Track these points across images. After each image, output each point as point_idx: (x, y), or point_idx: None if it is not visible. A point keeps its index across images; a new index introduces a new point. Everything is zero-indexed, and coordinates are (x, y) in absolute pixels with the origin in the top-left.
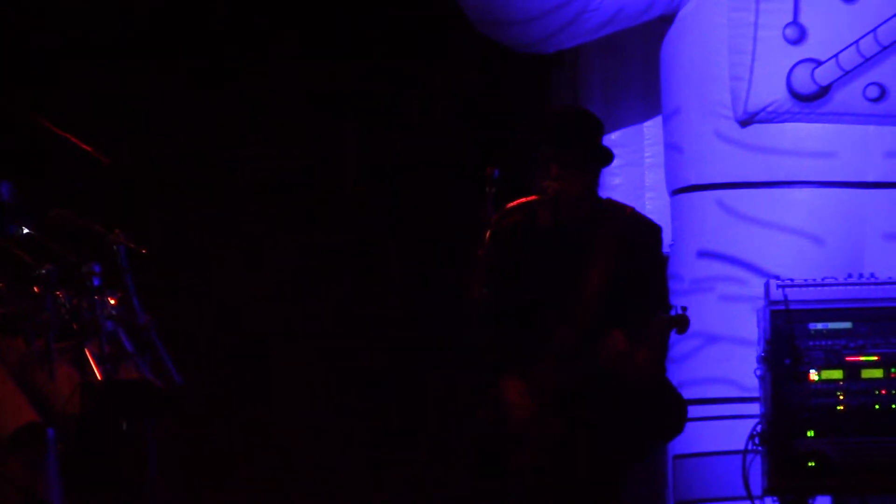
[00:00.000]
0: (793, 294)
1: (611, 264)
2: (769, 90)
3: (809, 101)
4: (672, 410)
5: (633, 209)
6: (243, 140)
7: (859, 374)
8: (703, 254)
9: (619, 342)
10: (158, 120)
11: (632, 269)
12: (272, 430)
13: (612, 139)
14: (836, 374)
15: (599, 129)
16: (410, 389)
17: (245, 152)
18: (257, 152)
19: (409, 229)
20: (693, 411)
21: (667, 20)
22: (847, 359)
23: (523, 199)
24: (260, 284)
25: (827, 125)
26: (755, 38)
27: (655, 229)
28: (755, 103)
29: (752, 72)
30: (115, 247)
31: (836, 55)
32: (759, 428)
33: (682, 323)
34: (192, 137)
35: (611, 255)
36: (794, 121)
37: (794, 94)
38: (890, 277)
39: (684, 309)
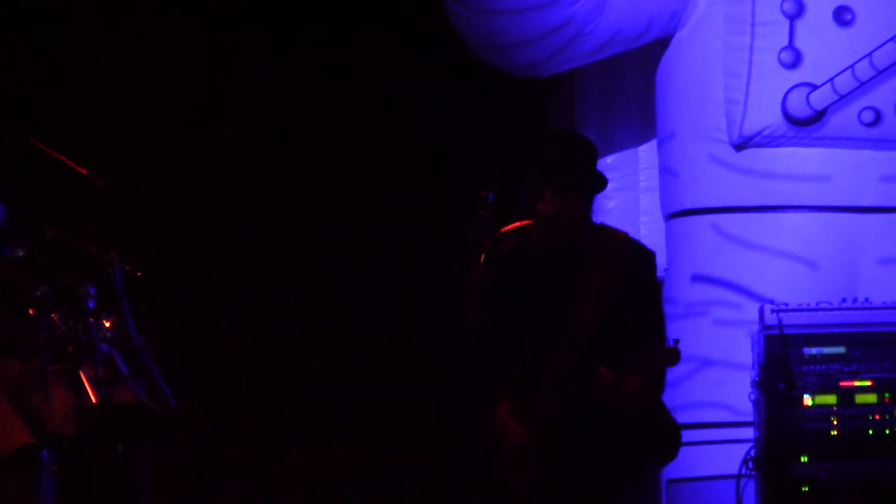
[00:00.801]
0: (787, 319)
1: (604, 290)
2: (764, 114)
3: (805, 125)
4: (666, 436)
5: (626, 234)
6: (235, 163)
7: (853, 398)
8: (698, 278)
9: (608, 375)
10: (152, 141)
11: (625, 295)
12: (267, 452)
13: (607, 163)
14: (830, 399)
15: (594, 154)
16: (405, 413)
17: (236, 174)
18: (248, 175)
19: (403, 251)
20: (687, 435)
21: (662, 44)
22: (841, 383)
23: (517, 224)
24: (255, 307)
25: (822, 149)
26: (751, 62)
27: (649, 255)
28: (750, 127)
29: (747, 96)
30: (110, 269)
31: (831, 79)
32: (752, 452)
33: (672, 356)
34: (185, 158)
35: (604, 280)
36: (790, 145)
37: (790, 119)
38: (884, 302)
39: (676, 342)
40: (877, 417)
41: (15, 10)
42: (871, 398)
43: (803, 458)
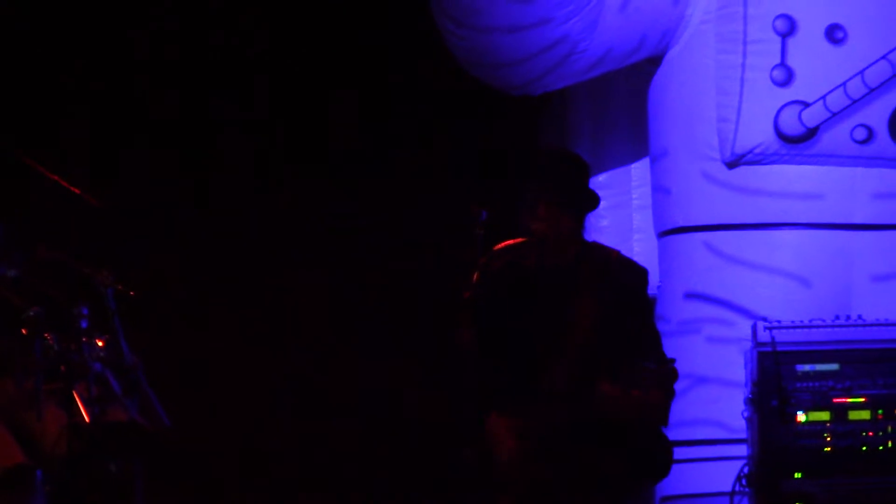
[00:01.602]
0: (780, 336)
1: (598, 308)
2: (756, 132)
3: (797, 142)
4: (658, 453)
5: (619, 252)
6: (231, 180)
7: (846, 415)
8: (691, 295)
9: (609, 391)
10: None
11: (619, 313)
12: (261, 471)
13: (599, 181)
14: (824, 416)
15: (586, 172)
16: (399, 429)
17: (231, 192)
18: (241, 189)
19: (397, 269)
20: (681, 453)
21: (654, 62)
22: (834, 400)
23: (510, 241)
24: (250, 325)
25: (814, 167)
26: (742, 80)
27: (642, 272)
28: (742, 145)
29: (739, 113)
30: (103, 288)
31: (823, 97)
32: (746, 469)
33: (670, 375)
34: (179, 176)
35: (598, 298)
36: (782, 162)
37: (782, 136)
38: (877, 319)
39: (673, 361)
40: (870, 434)
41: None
42: (865, 415)
43: (797, 475)
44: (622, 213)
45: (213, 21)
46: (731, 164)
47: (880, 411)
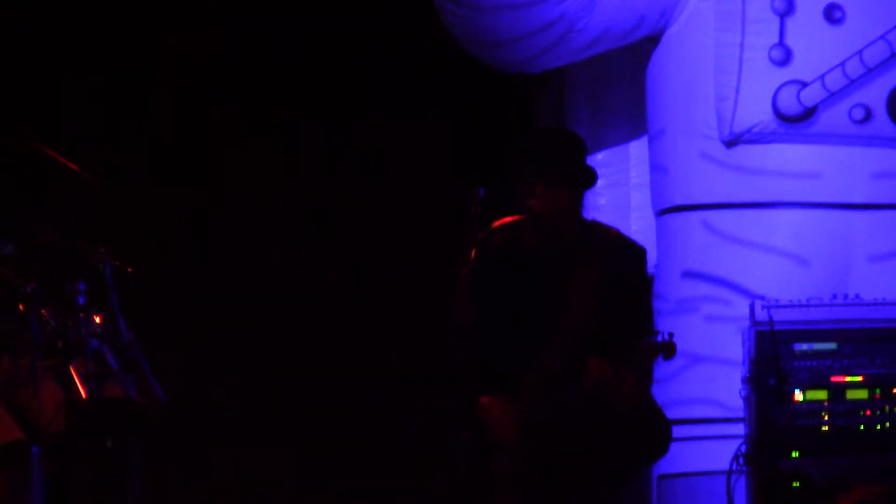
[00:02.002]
0: (778, 315)
1: (595, 286)
2: (755, 111)
3: (795, 122)
4: (656, 432)
5: (618, 231)
6: (230, 156)
7: (844, 394)
8: (689, 274)
9: (604, 369)
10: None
11: (616, 291)
12: (258, 446)
13: (597, 159)
14: (821, 395)
15: (583, 149)
16: (395, 409)
17: (231, 165)
18: (242, 166)
19: (393, 249)
20: (678, 431)
21: (653, 41)
22: (832, 379)
23: (508, 219)
24: (248, 301)
25: (813, 146)
26: (741, 60)
27: (640, 251)
28: (741, 124)
29: (737, 93)
30: (100, 265)
31: (821, 77)
32: (743, 448)
33: (668, 349)
34: (176, 151)
35: (595, 277)
36: (780, 142)
37: (780, 116)
38: (875, 299)
39: (671, 335)
40: (868, 413)
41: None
42: (863, 394)
43: (794, 454)
44: (620, 192)
45: None
46: (730, 143)
47: (878, 390)
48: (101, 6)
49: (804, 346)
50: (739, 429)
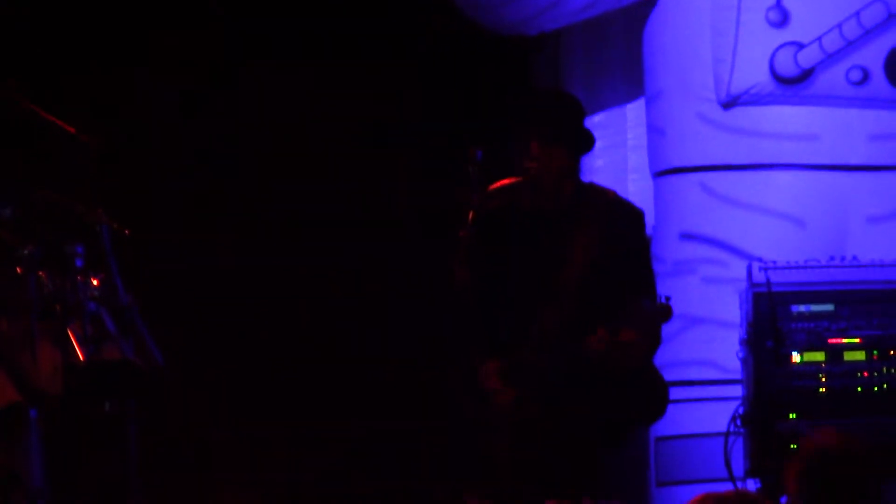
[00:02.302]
0: (775, 276)
1: (593, 248)
2: (752, 73)
3: (792, 83)
4: (654, 394)
5: (615, 193)
6: (222, 114)
7: (841, 356)
8: (686, 236)
9: (602, 333)
10: (137, 98)
11: (614, 254)
12: (255, 410)
13: (595, 121)
14: (818, 357)
15: (581, 112)
16: (393, 374)
17: (223, 127)
18: (239, 127)
19: (391, 212)
20: (675, 393)
21: (649, 2)
22: (829, 341)
23: (505, 181)
24: (247, 265)
25: (810, 108)
26: (738, 21)
27: (638, 213)
28: (738, 86)
29: (734, 54)
30: (97, 227)
31: (819, 38)
32: (741, 410)
33: (664, 313)
34: (174, 114)
35: (593, 239)
36: (777, 103)
37: (777, 77)
38: (872, 260)
39: (668, 299)
40: (865, 375)
41: None
42: (860, 355)
43: (792, 416)
44: (617, 154)
45: None
46: (727, 105)
47: (875, 352)
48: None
49: (801, 308)
50: (737, 390)
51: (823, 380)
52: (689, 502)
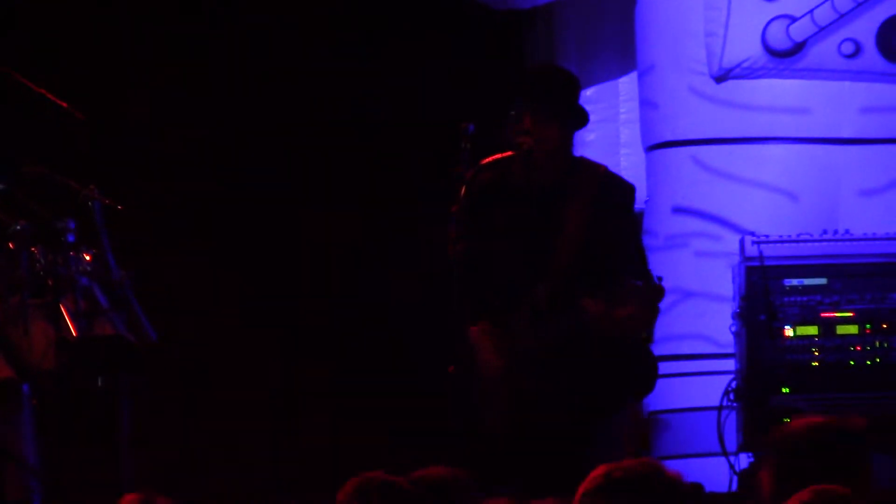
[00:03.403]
0: (768, 250)
1: (584, 223)
2: (744, 46)
3: (784, 56)
4: (642, 369)
5: (606, 168)
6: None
7: (834, 330)
8: (678, 210)
9: (592, 307)
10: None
11: (605, 228)
12: (247, 386)
13: (587, 95)
14: (811, 331)
15: (575, 86)
16: (385, 345)
17: (219, 104)
18: (230, 104)
19: (383, 187)
20: (668, 367)
21: None
22: (822, 315)
23: (498, 156)
24: (238, 240)
25: (802, 81)
26: None
27: (629, 188)
28: (730, 59)
29: (727, 28)
30: (89, 203)
31: (810, 11)
32: (734, 384)
33: (656, 292)
34: (167, 92)
35: (584, 213)
36: (769, 77)
37: (770, 50)
38: (865, 234)
39: (660, 279)
40: (858, 349)
41: None
42: (853, 329)
43: (784, 390)
44: (609, 128)
45: None
46: (719, 79)
47: (868, 326)
48: None
49: (794, 282)
50: (730, 364)
51: (816, 354)
52: (594, 473)
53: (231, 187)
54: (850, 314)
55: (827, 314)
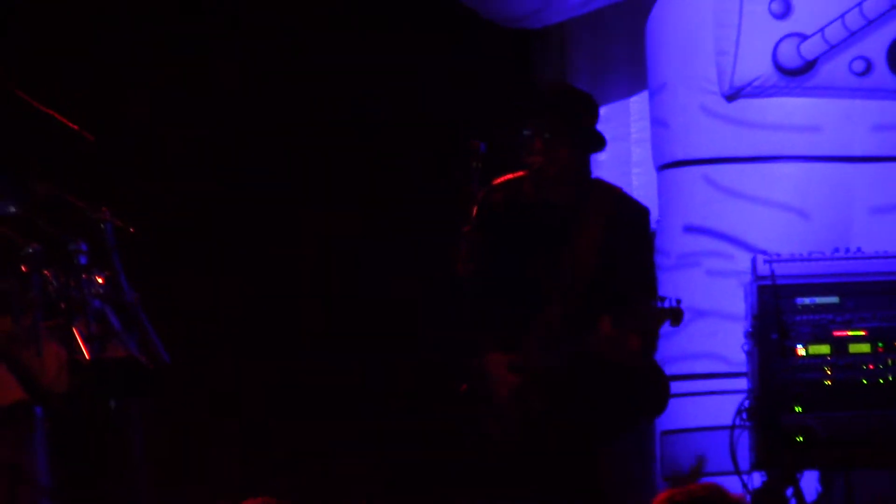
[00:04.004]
0: (780, 269)
1: (598, 244)
2: (755, 64)
3: (795, 75)
4: (655, 388)
5: (621, 190)
6: (225, 115)
7: (847, 348)
8: (690, 229)
9: (608, 328)
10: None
11: (619, 250)
12: (259, 408)
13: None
14: (824, 349)
15: (589, 108)
16: (397, 366)
17: (228, 122)
18: (239, 121)
19: (394, 206)
20: (680, 387)
21: None
22: (834, 333)
23: (509, 175)
24: (249, 261)
25: (813, 99)
26: (741, 13)
27: (643, 211)
28: (741, 78)
29: (737, 46)
30: (101, 224)
31: (821, 29)
32: (746, 403)
33: (676, 315)
34: (175, 112)
35: (598, 234)
36: (781, 95)
37: (781, 69)
38: (876, 252)
39: (678, 302)
40: (870, 367)
41: None
42: (865, 348)
43: (797, 409)
44: (621, 147)
45: None
46: (730, 97)
47: (880, 344)
48: None
49: (806, 301)
50: (742, 384)
51: (829, 372)
52: (656, 499)
53: (231, 187)
54: (863, 333)
55: (839, 333)
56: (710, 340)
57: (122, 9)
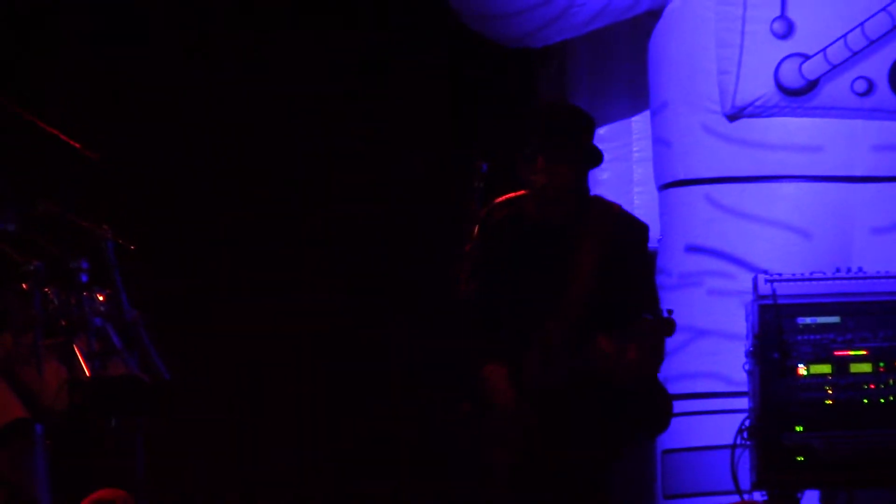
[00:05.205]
0: (781, 288)
1: (598, 262)
2: (757, 84)
3: (797, 95)
4: (657, 407)
5: (620, 207)
6: (229, 131)
7: (848, 368)
8: (692, 248)
9: (606, 346)
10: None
11: (619, 268)
12: (261, 426)
13: (600, 134)
14: (825, 369)
15: (587, 126)
16: (396, 384)
17: (230, 143)
18: (242, 144)
19: (395, 224)
20: (682, 406)
21: (654, 15)
22: (835, 353)
23: (511, 194)
24: (250, 280)
25: (815, 119)
26: (743, 33)
27: (643, 228)
28: (743, 98)
29: (739, 66)
30: (102, 243)
31: (823, 49)
32: (747, 422)
33: (667, 326)
34: (180, 129)
35: (598, 252)
36: (782, 115)
37: (782, 89)
38: (878, 272)
39: (670, 312)
40: (871, 387)
41: None
42: (866, 367)
43: (798, 428)
44: (623, 166)
45: None
46: (732, 117)
47: (882, 364)
48: None
49: (807, 320)
50: (743, 403)
51: (830, 392)
52: None
53: (232, 206)
54: (864, 352)
55: (840, 352)
56: (712, 360)
57: (121, 23)
